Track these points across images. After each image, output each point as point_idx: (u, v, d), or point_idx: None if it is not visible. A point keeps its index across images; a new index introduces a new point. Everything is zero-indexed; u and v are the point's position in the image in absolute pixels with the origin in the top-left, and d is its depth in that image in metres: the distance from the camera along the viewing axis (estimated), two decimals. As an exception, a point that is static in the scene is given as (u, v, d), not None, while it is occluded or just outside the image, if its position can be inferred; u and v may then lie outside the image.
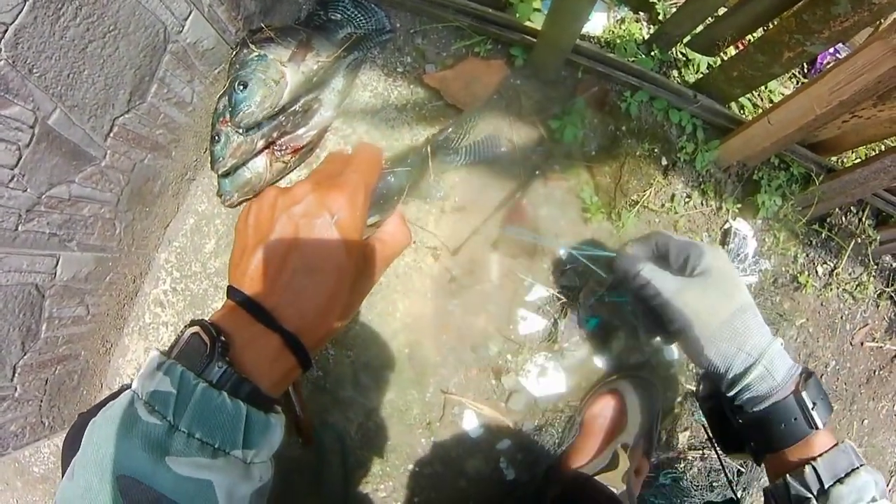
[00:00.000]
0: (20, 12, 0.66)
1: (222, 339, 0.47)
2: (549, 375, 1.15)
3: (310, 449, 1.12)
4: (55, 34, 0.72)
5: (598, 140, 1.15)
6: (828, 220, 1.23)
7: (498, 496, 1.15)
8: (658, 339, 0.97)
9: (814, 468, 0.72)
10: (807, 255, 1.24)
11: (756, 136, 1.10)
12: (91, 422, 0.47)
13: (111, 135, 0.88)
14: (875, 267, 1.25)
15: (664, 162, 1.15)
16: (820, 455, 0.73)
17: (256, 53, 0.97)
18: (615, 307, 1.15)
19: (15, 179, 0.77)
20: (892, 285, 1.27)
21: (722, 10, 1.14)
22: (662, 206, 1.15)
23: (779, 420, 0.75)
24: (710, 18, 1.11)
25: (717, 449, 0.92)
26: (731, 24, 1.08)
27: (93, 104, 0.82)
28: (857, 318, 1.27)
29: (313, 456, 1.12)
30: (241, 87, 0.95)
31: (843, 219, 1.24)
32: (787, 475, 0.74)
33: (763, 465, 0.82)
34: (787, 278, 1.23)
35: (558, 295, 1.14)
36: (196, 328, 0.48)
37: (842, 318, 1.26)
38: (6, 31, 0.66)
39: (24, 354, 0.95)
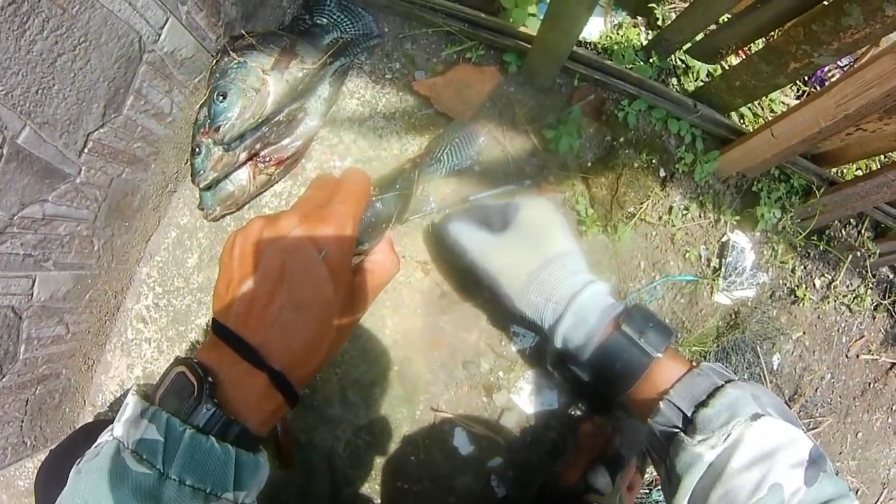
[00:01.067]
0: (-20, 29, 0.62)
1: (209, 379, 0.46)
2: (542, 393, 1.12)
3: (297, 468, 1.09)
4: (21, 49, 0.67)
5: (595, 150, 1.11)
6: (826, 232, 1.20)
7: (489, 514, 1.13)
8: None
9: (668, 400, 0.67)
10: (804, 268, 1.21)
11: (758, 148, 1.06)
12: (74, 469, 0.46)
13: (85, 150, 0.83)
14: (872, 279, 1.22)
15: (662, 173, 1.11)
16: (671, 386, 0.68)
17: (237, 61, 0.92)
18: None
19: (-19, 202, 0.73)
20: (889, 297, 1.24)
21: (725, 18, 1.10)
22: (660, 218, 1.12)
23: (610, 360, 0.73)
24: (712, 25, 1.07)
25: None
26: (735, 33, 1.04)
27: (64, 120, 0.78)
28: (853, 331, 1.25)
29: (301, 475, 1.09)
30: (221, 98, 0.91)
31: (842, 231, 1.21)
32: (649, 419, 0.69)
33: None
34: (784, 291, 1.20)
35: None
36: (182, 368, 0.47)
37: (838, 330, 1.24)
38: (-35, 49, 0.61)
39: (3, 377, 0.91)
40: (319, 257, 0.49)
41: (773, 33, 1.05)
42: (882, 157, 1.25)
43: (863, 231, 1.20)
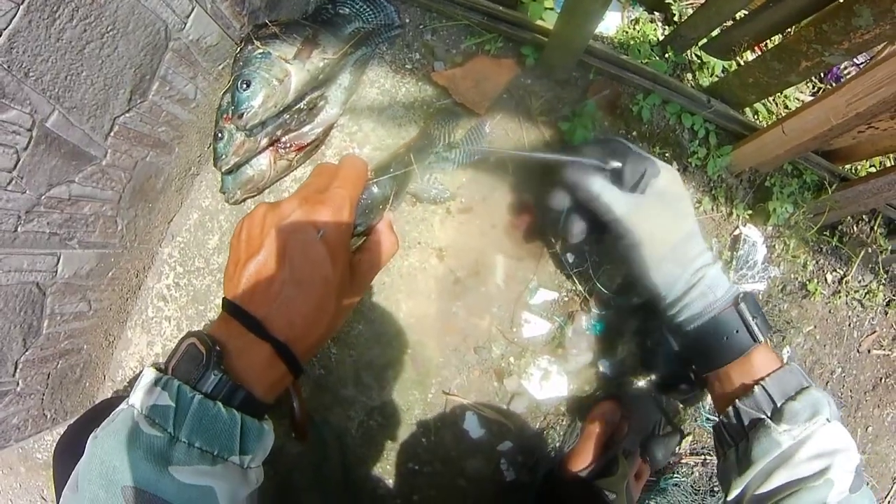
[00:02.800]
0: (14, 16, 0.63)
1: (217, 348, 0.50)
2: (551, 379, 1.13)
3: (310, 446, 1.11)
4: (51, 37, 0.69)
5: (609, 143, 1.11)
6: (839, 228, 1.20)
7: (497, 497, 1.14)
8: (583, 240, 0.91)
9: (763, 386, 0.70)
10: (816, 263, 1.20)
11: (770, 144, 1.05)
12: (92, 435, 0.49)
13: (112, 134, 0.85)
14: (885, 275, 1.21)
15: (675, 167, 1.11)
16: (768, 375, 0.71)
17: (260, 51, 0.93)
18: (622, 311, 1.12)
19: (13, 182, 0.75)
20: (901, 293, 1.23)
21: (740, 15, 1.09)
22: (672, 211, 1.12)
23: (720, 333, 0.75)
24: (727, 22, 1.07)
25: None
26: (749, 30, 1.03)
27: (92, 105, 0.79)
28: (864, 326, 1.24)
29: (314, 453, 1.11)
30: (245, 86, 0.92)
31: (855, 227, 1.20)
32: (737, 400, 0.72)
33: (711, 397, 0.81)
34: (795, 285, 1.20)
35: (564, 298, 1.12)
36: (193, 339, 0.51)
37: (849, 325, 1.23)
38: (0, 36, 0.63)
39: (26, 350, 0.93)
40: (318, 237, 0.54)
41: (786, 31, 1.04)
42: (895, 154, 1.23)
43: (875, 228, 1.20)
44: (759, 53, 1.08)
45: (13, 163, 0.73)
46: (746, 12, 1.09)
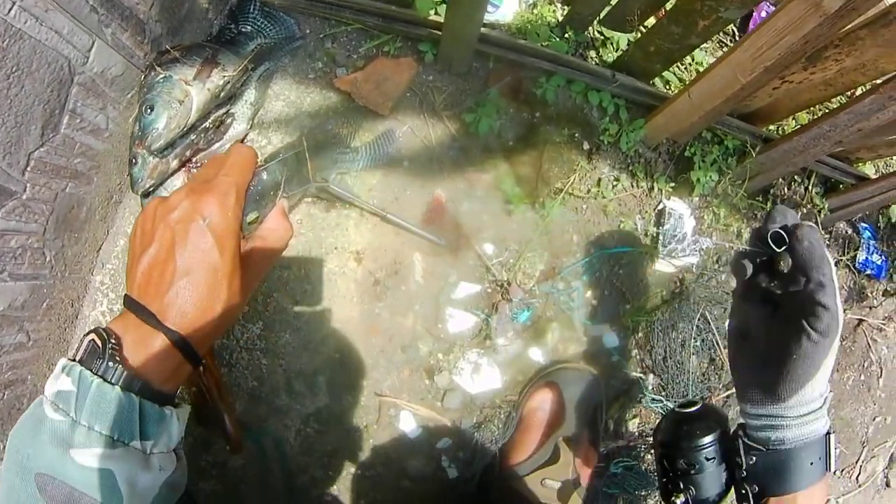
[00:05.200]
0: (-77, 69, 0.93)
1: (112, 341, 0.62)
2: (483, 372, 1.38)
3: (252, 459, 1.37)
4: None
5: (515, 130, 1.38)
6: (771, 191, 1.43)
7: (442, 494, 1.39)
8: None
9: None
10: (751, 229, 1.43)
11: (681, 112, 1.29)
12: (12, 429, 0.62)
13: (28, 169, 1.14)
14: (828, 236, 1.44)
15: (586, 146, 1.37)
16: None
17: (162, 75, 1.22)
18: (547, 298, 1.38)
19: (-65, 219, 1.04)
20: (848, 253, 1.46)
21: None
22: (588, 191, 1.37)
23: (808, 458, 0.86)
24: None
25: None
26: None
27: (5, 142, 1.08)
28: (815, 291, 1.46)
29: (257, 465, 1.38)
30: (149, 110, 1.21)
31: (787, 189, 1.44)
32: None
33: None
34: (731, 255, 1.43)
35: (487, 290, 1.37)
36: (92, 335, 0.63)
37: (798, 291, 1.46)
38: (-85, 88, 0.92)
39: (-31, 384, 1.22)
40: (205, 224, 0.66)
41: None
42: (819, 108, 1.45)
43: (810, 188, 1.43)
44: (657, 20, 1.31)
45: (-66, 201, 1.03)
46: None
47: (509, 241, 1.38)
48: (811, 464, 0.86)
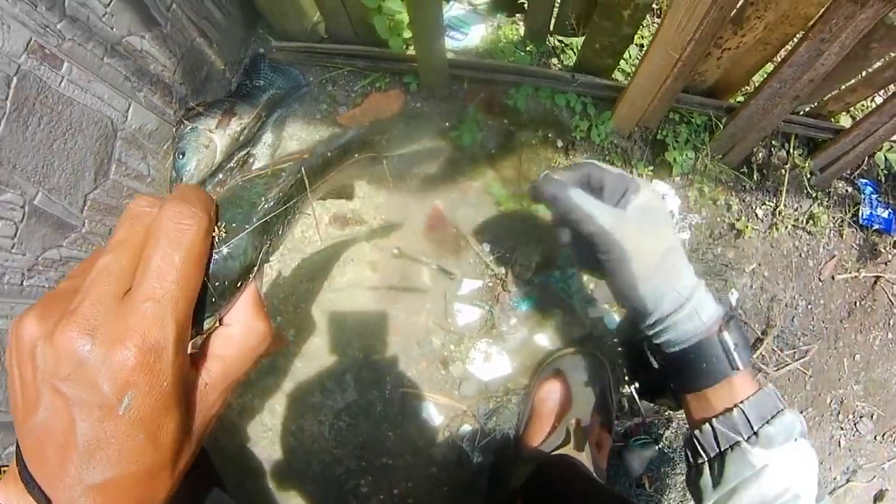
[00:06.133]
0: (-5, 126, 1.22)
1: None
2: (493, 359, 1.48)
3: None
4: (27, 139, 1.26)
5: (496, 139, 1.53)
6: (754, 161, 1.49)
7: (466, 479, 1.47)
8: (589, 269, 1.04)
9: (742, 410, 0.86)
10: (742, 201, 1.49)
11: (637, 98, 1.40)
12: None
13: (86, 207, 1.41)
14: (825, 197, 1.47)
15: (560, 143, 1.50)
16: (746, 399, 0.87)
17: (189, 127, 1.49)
18: (546, 286, 1.48)
19: (14, 247, 1.30)
20: (849, 211, 1.47)
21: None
22: (571, 182, 1.49)
23: (700, 359, 0.88)
24: (556, 4, 1.46)
25: (634, 392, 1.06)
26: (571, 3, 1.43)
27: (66, 186, 1.36)
28: (820, 253, 1.48)
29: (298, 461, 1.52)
30: (181, 156, 1.47)
31: (769, 157, 1.49)
32: (713, 420, 0.88)
33: (684, 410, 0.96)
34: (724, 228, 1.49)
35: (488, 284, 1.50)
36: None
37: (801, 255, 1.48)
38: (-12, 140, 1.21)
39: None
40: (124, 407, 0.42)
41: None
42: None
43: (791, 150, 1.48)
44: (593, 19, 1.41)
45: (13, 232, 1.30)
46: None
47: (504, 239, 1.51)
48: (705, 365, 0.88)
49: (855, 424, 1.50)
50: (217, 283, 0.49)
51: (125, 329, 0.41)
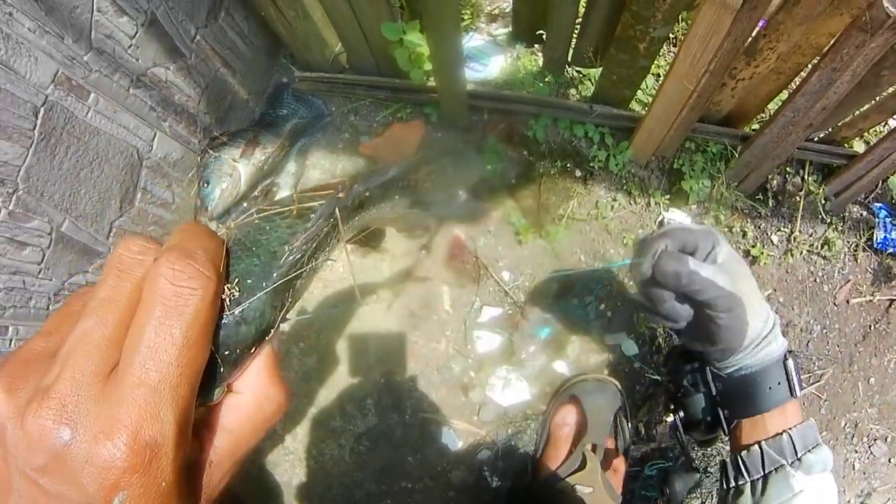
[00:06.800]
0: (27, 156, 1.22)
1: None
2: (512, 386, 1.49)
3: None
4: (54, 167, 1.27)
5: (515, 169, 1.56)
6: (769, 189, 1.51)
7: (486, 503, 1.48)
8: (689, 336, 1.03)
9: (790, 436, 0.92)
10: (757, 228, 1.51)
11: (654, 129, 1.42)
12: None
13: (111, 234, 1.42)
14: (840, 222, 1.49)
15: (579, 173, 1.52)
16: (794, 427, 0.93)
17: (213, 156, 1.51)
18: (565, 313, 1.50)
19: (41, 272, 1.32)
20: (864, 235, 1.49)
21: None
22: (589, 213, 1.51)
23: (766, 382, 0.95)
24: (574, 36, 1.48)
25: (679, 421, 1.10)
26: (589, 36, 1.45)
27: (92, 213, 1.38)
28: (835, 277, 1.50)
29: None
30: (205, 185, 1.49)
31: (783, 183, 1.51)
32: (762, 442, 0.94)
33: (731, 435, 1.01)
34: (739, 255, 1.50)
35: (508, 311, 1.52)
36: None
37: (816, 280, 1.50)
38: (20, 170, 1.22)
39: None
40: None
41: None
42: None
43: (806, 177, 1.50)
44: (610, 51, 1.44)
45: (40, 258, 1.31)
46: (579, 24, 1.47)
47: (523, 267, 1.53)
48: (769, 388, 0.94)
49: (869, 447, 1.51)
50: (227, 353, 0.41)
51: (112, 421, 0.35)
